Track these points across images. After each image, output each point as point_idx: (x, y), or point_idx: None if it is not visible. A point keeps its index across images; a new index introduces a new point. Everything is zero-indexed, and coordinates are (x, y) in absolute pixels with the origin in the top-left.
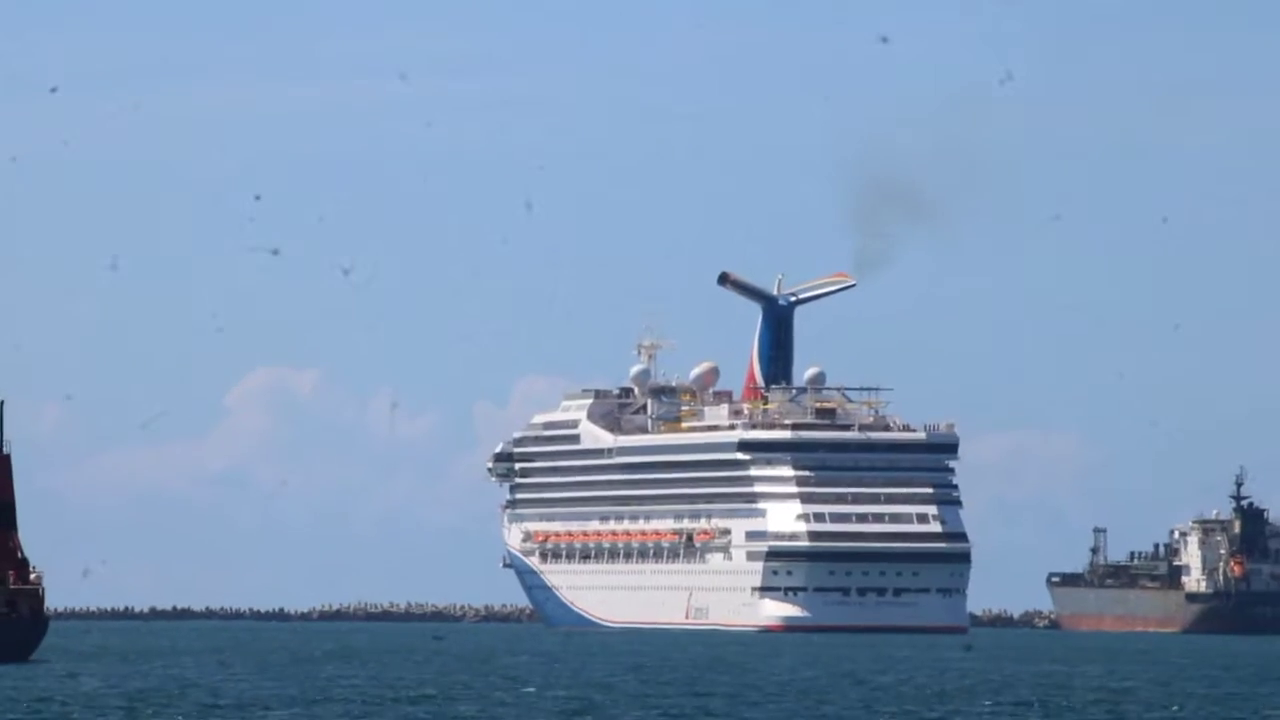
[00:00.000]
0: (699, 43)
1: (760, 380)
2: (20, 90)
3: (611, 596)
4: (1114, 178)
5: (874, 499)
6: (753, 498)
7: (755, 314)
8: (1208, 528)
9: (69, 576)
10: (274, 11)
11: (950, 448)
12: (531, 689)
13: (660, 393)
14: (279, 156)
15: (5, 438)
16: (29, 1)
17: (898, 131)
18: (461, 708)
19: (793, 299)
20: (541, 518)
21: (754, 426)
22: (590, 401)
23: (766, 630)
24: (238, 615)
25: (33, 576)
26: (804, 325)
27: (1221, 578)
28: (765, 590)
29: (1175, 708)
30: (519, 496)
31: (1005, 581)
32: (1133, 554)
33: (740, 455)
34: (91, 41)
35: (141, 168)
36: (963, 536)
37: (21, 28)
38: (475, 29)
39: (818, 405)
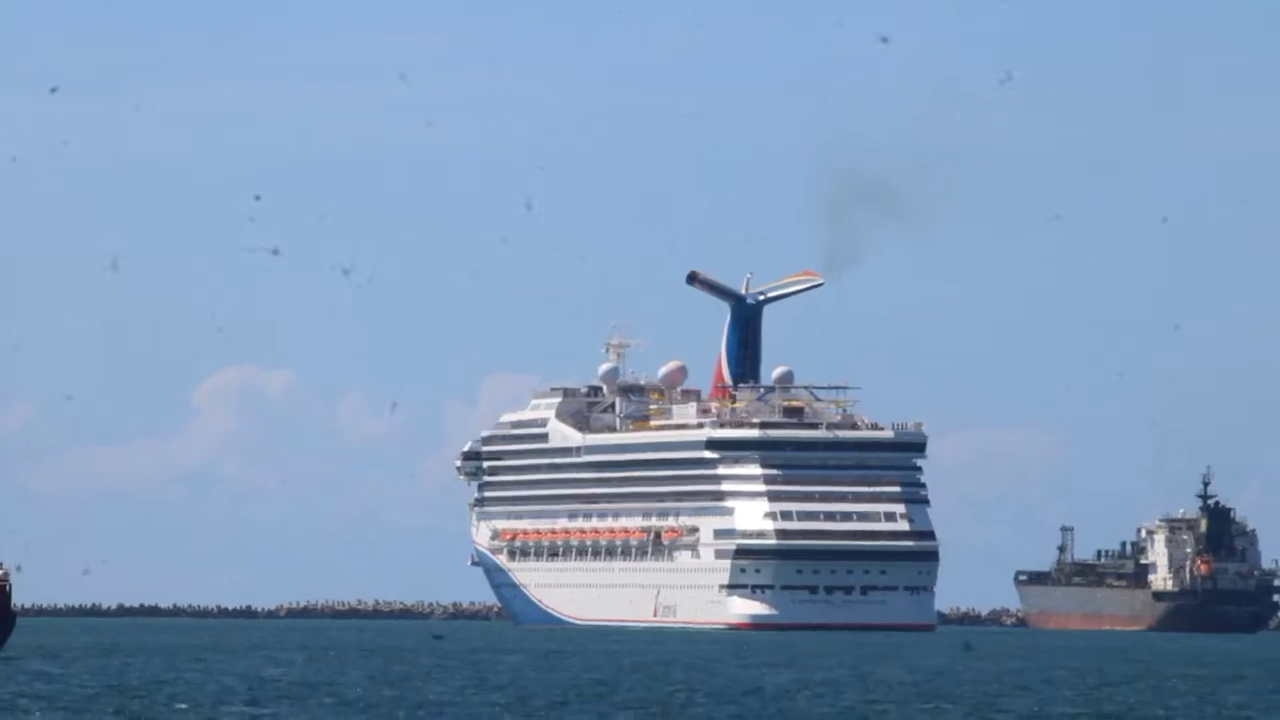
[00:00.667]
0: (671, 42)
1: (728, 379)
2: (20, 90)
3: (579, 594)
4: (1092, 179)
5: (842, 497)
6: (720, 496)
7: (724, 313)
8: (1174, 526)
9: (36, 574)
10: (274, 11)
11: (918, 446)
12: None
13: (628, 391)
14: (279, 156)
15: None
16: (29, 1)
17: (870, 128)
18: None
19: (761, 298)
20: (509, 516)
21: (722, 425)
22: (559, 400)
23: (734, 628)
24: (205, 613)
25: (0, 573)
26: (772, 324)
27: (1188, 576)
28: (733, 588)
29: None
30: (487, 495)
31: (973, 580)
32: (1100, 552)
33: (708, 454)
34: (91, 41)
35: (141, 168)
36: (930, 535)
37: (21, 28)
38: (476, 29)
39: (785, 404)
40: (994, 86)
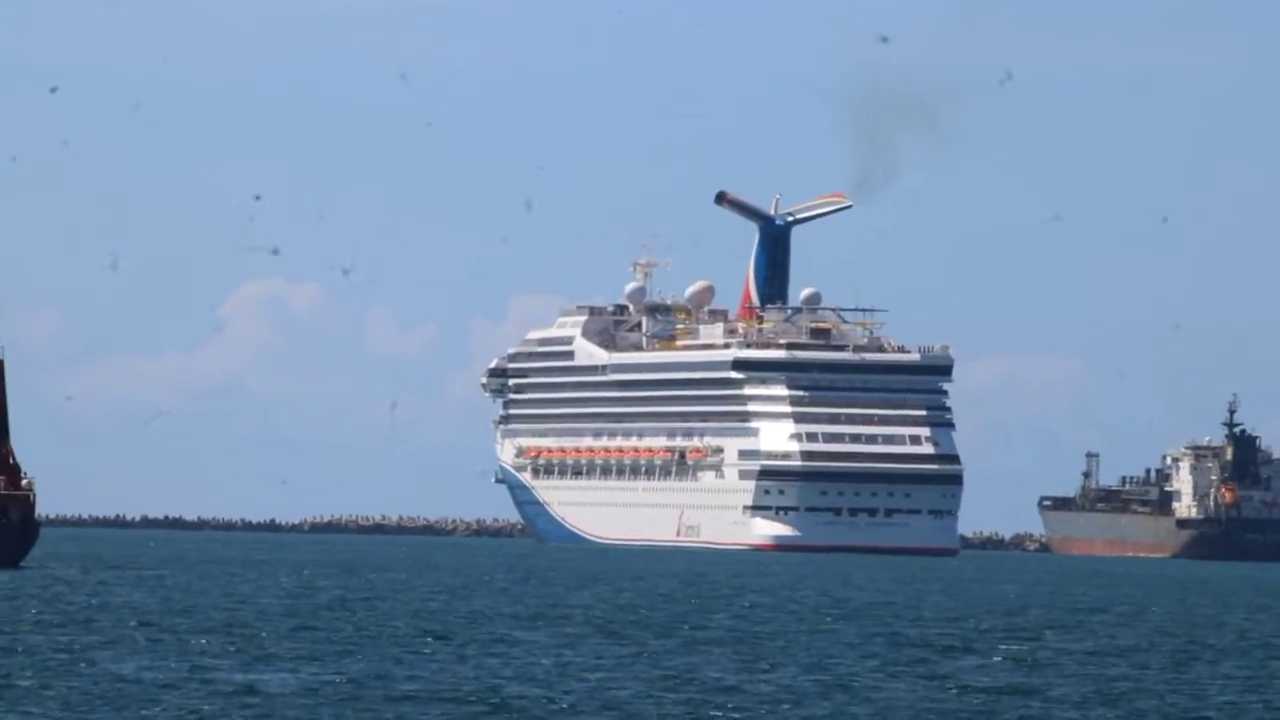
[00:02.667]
0: None
1: (755, 300)
2: (20, 90)
3: (603, 513)
4: (1128, 100)
5: (867, 420)
6: (746, 417)
7: (752, 234)
8: (1199, 454)
9: (60, 483)
10: (274, 11)
11: (945, 370)
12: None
13: (655, 310)
14: (279, 156)
15: None
16: (29, 1)
17: (900, 43)
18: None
19: (789, 219)
20: (534, 434)
21: (748, 346)
22: (585, 318)
23: (757, 549)
24: (229, 526)
25: (24, 483)
26: (800, 245)
27: (1212, 504)
28: (757, 509)
29: None
30: (512, 412)
31: (997, 504)
32: (1124, 479)
33: (734, 374)
34: (91, 41)
35: (141, 168)
36: (955, 459)
37: (21, 28)
38: (476, 29)
39: (812, 325)
40: (1025, 11)
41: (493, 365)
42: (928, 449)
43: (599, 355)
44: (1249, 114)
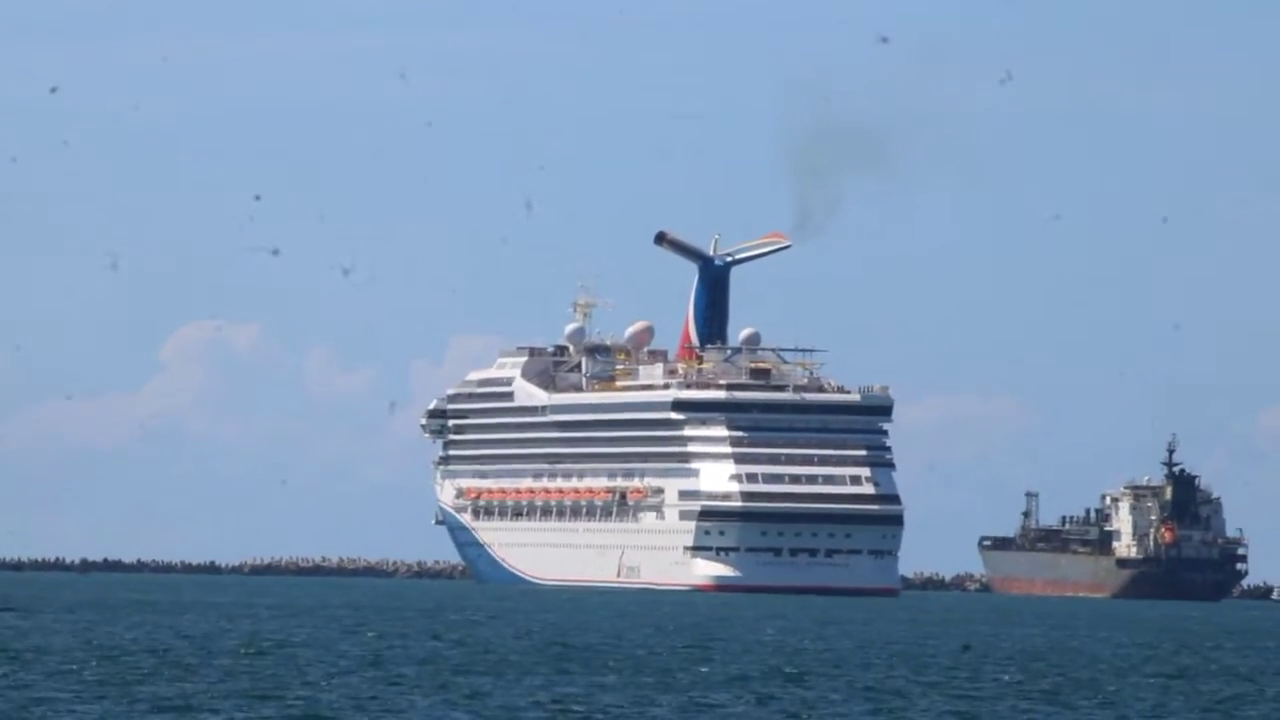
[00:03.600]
0: (641, 2)
1: (695, 340)
2: (20, 90)
3: (543, 554)
4: (1070, 143)
5: (807, 460)
6: (686, 457)
7: (691, 274)
8: (1139, 493)
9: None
10: (274, 11)
11: (884, 410)
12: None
13: (595, 351)
14: (279, 156)
15: None
16: (29, 1)
17: (839, 81)
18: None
19: (729, 259)
20: (474, 474)
21: (688, 386)
22: (525, 359)
23: (698, 590)
24: (169, 568)
25: None
26: (740, 286)
27: (1152, 543)
28: (697, 550)
29: None
30: (452, 453)
31: (937, 544)
32: (1064, 519)
33: (674, 415)
34: (91, 41)
35: (141, 168)
36: (896, 499)
37: (22, 28)
38: (475, 29)
39: (752, 366)
40: (963, 42)
41: (432, 406)
42: (868, 489)
43: (539, 396)
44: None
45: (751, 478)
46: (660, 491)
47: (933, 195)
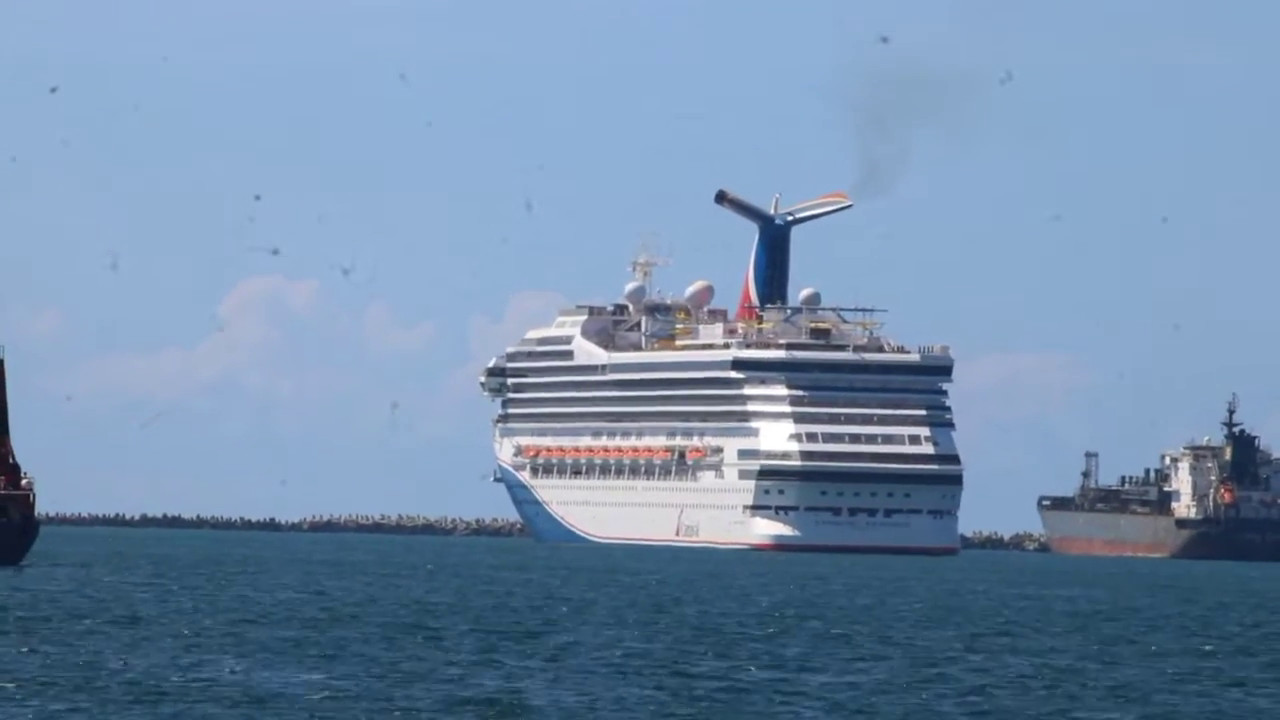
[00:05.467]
0: None
1: (755, 300)
2: (20, 90)
3: (601, 512)
4: (1133, 103)
5: (867, 420)
6: (745, 416)
7: (752, 233)
8: (1199, 454)
9: (60, 482)
10: (273, 11)
11: (944, 370)
12: None
13: (654, 310)
14: (279, 156)
15: None
16: (29, 1)
17: (902, 40)
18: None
19: (789, 219)
20: (533, 433)
21: (748, 345)
22: (584, 318)
23: (756, 549)
24: (229, 525)
25: (24, 482)
26: (800, 245)
27: (1211, 504)
28: (756, 509)
29: None
30: (511, 411)
31: (996, 504)
32: (1124, 479)
33: (734, 374)
34: (91, 41)
35: (141, 168)
36: (955, 458)
37: (22, 28)
38: (475, 29)
39: (812, 325)
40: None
41: (491, 364)
42: (927, 449)
43: (598, 355)
44: (1249, 113)
45: (811, 437)
46: (719, 451)
47: (992, 152)
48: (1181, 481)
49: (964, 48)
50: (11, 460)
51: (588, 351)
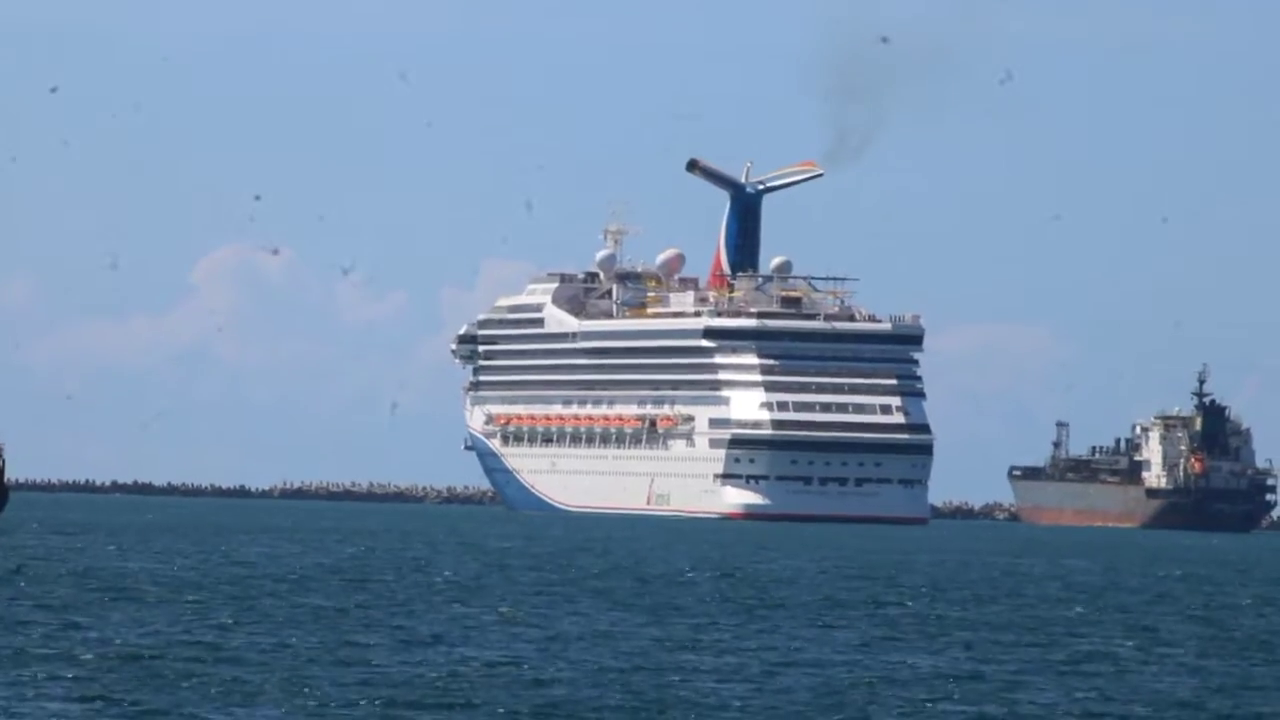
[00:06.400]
0: None
1: (726, 268)
2: (20, 90)
3: (572, 481)
4: (1107, 73)
5: (838, 389)
6: (717, 385)
7: (723, 201)
8: (1169, 424)
9: (29, 448)
10: (273, 11)
11: (915, 339)
12: None
13: (625, 278)
14: (279, 155)
15: None
16: (29, 1)
17: (879, 11)
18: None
19: (760, 187)
20: (504, 401)
21: (719, 314)
22: (555, 285)
23: (727, 518)
24: (198, 491)
25: None
26: (771, 214)
27: (1181, 474)
28: (727, 477)
29: None
30: (482, 379)
31: (967, 473)
32: (1094, 449)
33: (705, 342)
34: (92, 41)
35: (141, 168)
36: (925, 428)
37: (22, 28)
38: (475, 28)
39: (783, 294)
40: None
41: (462, 332)
42: (898, 418)
43: (569, 323)
44: (1247, 98)
45: (782, 406)
46: (690, 419)
47: (964, 123)
48: (1152, 451)
49: (936, 19)
50: None
51: (559, 319)
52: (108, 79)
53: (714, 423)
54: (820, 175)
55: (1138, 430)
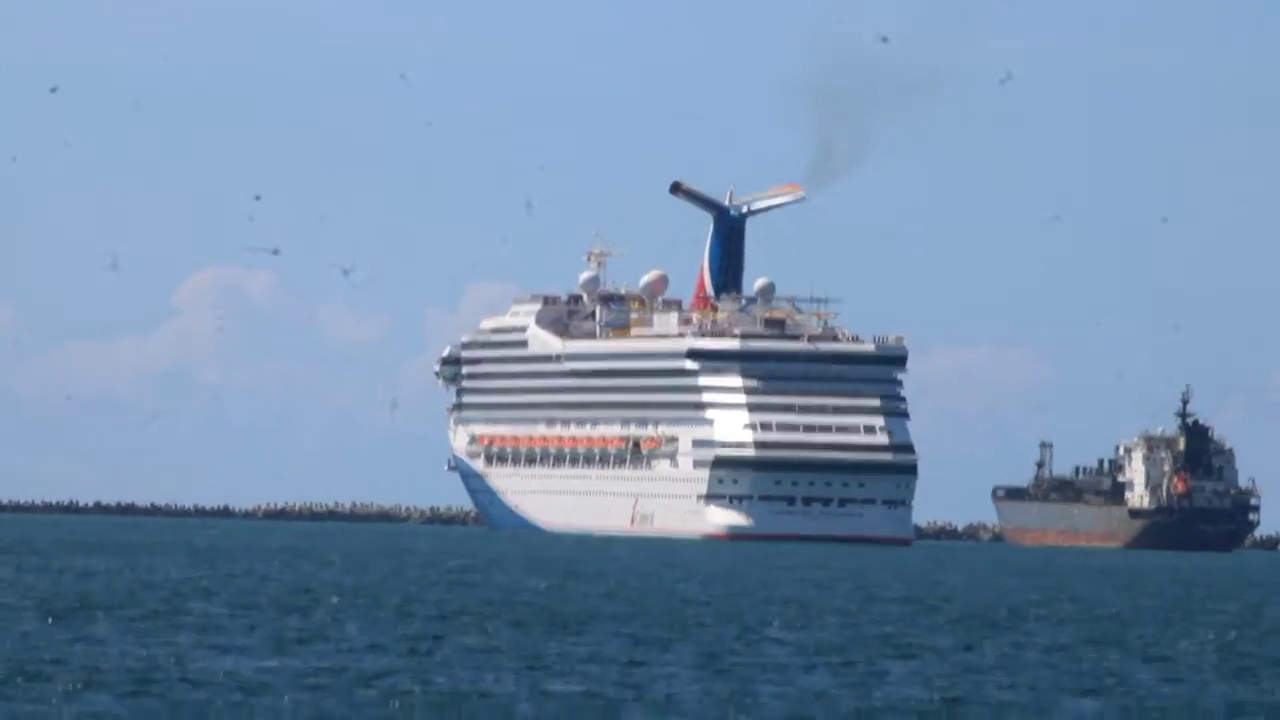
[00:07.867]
0: None
1: (710, 290)
2: (20, 90)
3: (556, 501)
4: (1087, 98)
5: (821, 409)
6: (700, 406)
7: (706, 224)
8: (1152, 444)
9: (12, 470)
10: (273, 11)
11: (899, 360)
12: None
13: (609, 300)
14: (279, 155)
15: None
16: (29, 1)
17: (860, 37)
18: None
19: (744, 210)
20: (487, 421)
21: (703, 335)
22: (539, 307)
23: (711, 538)
24: (182, 513)
25: None
26: (755, 236)
27: (1165, 494)
28: (711, 498)
29: None
30: (465, 400)
31: (950, 494)
32: (1078, 469)
33: (688, 364)
34: (91, 41)
35: (141, 167)
36: (909, 448)
37: (21, 28)
38: (475, 28)
39: (767, 315)
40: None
41: (446, 353)
42: (882, 439)
43: (553, 344)
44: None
45: (765, 427)
46: (674, 440)
47: (946, 145)
48: (1135, 471)
49: (919, 40)
50: None
51: (542, 341)
52: (108, 79)
53: (698, 443)
54: (803, 198)
55: (1121, 450)
